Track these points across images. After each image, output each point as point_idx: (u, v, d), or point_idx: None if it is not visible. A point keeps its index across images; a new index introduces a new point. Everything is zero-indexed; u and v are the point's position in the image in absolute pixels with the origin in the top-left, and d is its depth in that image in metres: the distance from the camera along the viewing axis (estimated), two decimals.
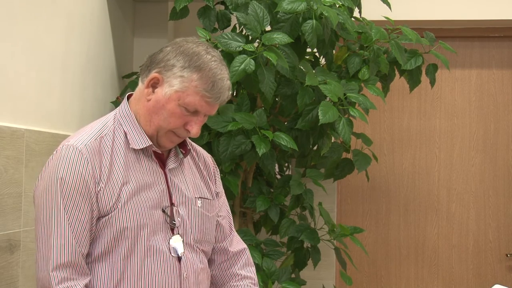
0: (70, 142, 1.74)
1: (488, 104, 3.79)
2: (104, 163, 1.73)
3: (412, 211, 3.80)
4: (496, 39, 3.80)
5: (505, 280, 3.72)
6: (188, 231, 1.83)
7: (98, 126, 1.80)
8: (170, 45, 1.81)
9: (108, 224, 1.71)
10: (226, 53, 2.67)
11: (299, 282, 2.93)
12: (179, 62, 1.75)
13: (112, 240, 1.71)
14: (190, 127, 1.78)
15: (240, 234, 2.80)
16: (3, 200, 2.07)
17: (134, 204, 1.73)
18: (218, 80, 1.76)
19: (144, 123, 1.80)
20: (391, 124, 3.84)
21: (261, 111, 2.72)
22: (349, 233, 2.98)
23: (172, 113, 1.76)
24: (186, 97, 1.74)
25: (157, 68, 1.78)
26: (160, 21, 3.29)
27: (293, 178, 2.84)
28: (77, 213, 1.68)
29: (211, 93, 1.75)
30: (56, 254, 1.66)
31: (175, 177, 1.85)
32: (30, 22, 2.26)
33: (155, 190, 1.78)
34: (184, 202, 1.84)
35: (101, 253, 1.72)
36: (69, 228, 1.67)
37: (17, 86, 2.20)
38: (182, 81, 1.74)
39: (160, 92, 1.77)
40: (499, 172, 3.77)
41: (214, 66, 1.76)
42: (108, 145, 1.76)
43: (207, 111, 1.79)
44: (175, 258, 1.78)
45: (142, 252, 1.73)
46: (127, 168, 1.76)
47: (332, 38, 2.83)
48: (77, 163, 1.70)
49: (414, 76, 3.08)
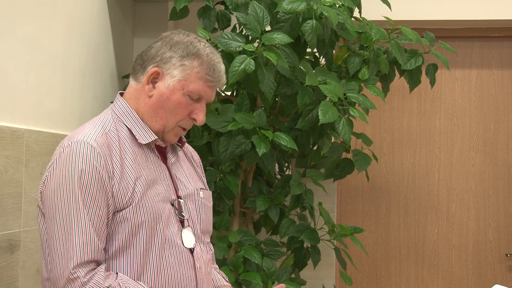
0: (78, 137, 1.72)
1: (488, 104, 3.79)
2: (114, 158, 1.73)
3: (412, 211, 3.80)
4: (496, 39, 3.80)
5: (505, 280, 3.72)
6: (195, 223, 1.86)
7: (99, 122, 1.79)
8: (159, 40, 1.84)
9: (125, 219, 1.71)
10: (226, 53, 2.67)
11: (299, 282, 2.93)
12: (176, 53, 1.79)
13: (129, 235, 1.71)
14: (196, 115, 1.82)
15: (240, 234, 2.80)
16: (3, 200, 2.07)
17: (148, 198, 1.74)
18: (216, 64, 1.82)
19: (148, 120, 1.81)
20: (391, 124, 3.84)
21: (261, 111, 2.72)
22: (349, 233, 2.98)
23: (178, 103, 1.79)
24: (189, 85, 1.78)
25: (153, 63, 1.80)
26: (160, 21, 3.29)
27: (293, 178, 2.84)
28: (96, 208, 1.67)
29: (213, 77, 1.81)
30: (80, 252, 1.64)
31: (177, 170, 1.88)
32: (30, 22, 2.26)
33: (162, 184, 1.80)
34: (188, 194, 1.87)
35: (119, 248, 1.71)
36: (90, 224, 1.65)
37: (17, 86, 2.20)
38: (183, 69, 1.78)
39: (162, 86, 1.79)
40: (499, 172, 3.77)
41: (210, 51, 1.82)
42: (115, 140, 1.76)
43: (209, 97, 1.83)
44: (188, 250, 1.80)
45: (160, 245, 1.74)
46: (137, 163, 1.76)
47: (332, 38, 2.83)
48: (91, 157, 1.69)
49: (414, 76, 3.08)
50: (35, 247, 2.26)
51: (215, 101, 2.90)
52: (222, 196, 2.86)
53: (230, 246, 2.79)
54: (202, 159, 2.89)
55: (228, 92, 3.04)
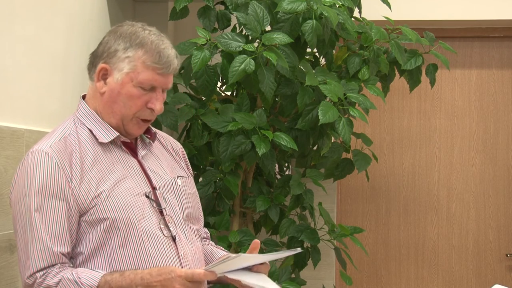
0: (34, 148, 1.75)
1: (488, 104, 3.80)
2: (74, 161, 1.74)
3: (412, 211, 3.80)
4: (496, 39, 3.80)
5: (505, 280, 3.72)
6: (176, 211, 1.85)
7: (59, 129, 1.82)
8: (107, 35, 1.84)
9: (93, 220, 1.72)
10: (226, 53, 2.67)
11: (299, 282, 2.93)
12: (120, 45, 1.78)
13: (102, 234, 1.73)
14: (152, 104, 1.80)
15: (240, 234, 2.80)
16: (3, 200, 2.07)
17: (116, 196, 1.75)
18: (163, 50, 1.78)
19: (106, 116, 1.81)
20: (391, 124, 3.84)
21: (261, 111, 2.72)
22: (349, 233, 2.98)
23: (130, 96, 1.77)
24: (138, 76, 1.76)
25: (102, 59, 1.80)
26: (160, 21, 3.29)
27: (293, 178, 2.84)
28: (54, 215, 1.69)
29: (161, 64, 1.77)
30: (35, 261, 1.68)
31: (149, 162, 1.87)
32: (30, 22, 2.26)
33: (133, 179, 1.80)
34: (165, 184, 1.86)
35: (94, 248, 1.73)
36: (45, 232, 1.68)
37: (17, 86, 2.20)
38: (129, 61, 1.77)
39: (112, 81, 1.79)
40: (499, 172, 3.77)
41: (155, 38, 1.79)
42: (74, 144, 1.77)
43: (163, 85, 1.81)
44: (170, 239, 1.80)
45: (137, 238, 1.74)
46: (99, 163, 1.77)
47: (332, 38, 2.83)
48: (47, 165, 1.71)
49: (414, 76, 3.08)
50: None
51: (215, 101, 2.91)
52: (222, 196, 2.86)
53: (230, 246, 2.79)
54: (202, 159, 2.89)
55: (228, 92, 3.04)
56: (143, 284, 1.66)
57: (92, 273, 1.69)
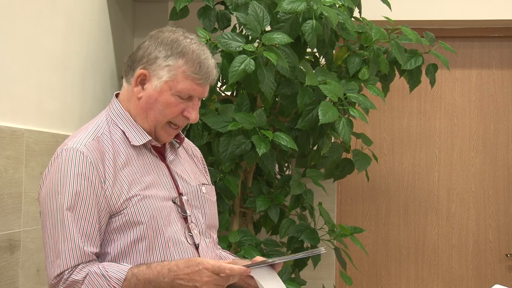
0: (68, 145, 1.73)
1: (488, 104, 3.79)
2: (107, 162, 1.73)
3: (412, 211, 3.80)
4: (496, 39, 3.79)
5: (505, 280, 3.72)
6: (199, 219, 1.86)
7: (92, 127, 1.80)
8: (147, 40, 1.82)
9: (124, 222, 1.72)
10: (226, 53, 2.67)
11: (299, 282, 2.93)
12: (161, 53, 1.77)
13: (132, 238, 1.72)
14: (188, 113, 1.80)
15: (240, 234, 2.80)
16: (3, 200, 2.07)
17: (146, 199, 1.74)
18: (203, 60, 1.78)
19: (140, 120, 1.81)
20: (391, 124, 3.84)
21: (261, 111, 2.72)
22: (349, 233, 2.98)
23: (167, 104, 1.77)
24: (177, 85, 1.76)
25: (141, 64, 1.79)
26: (160, 21, 3.29)
27: (293, 178, 2.84)
28: (85, 214, 1.68)
29: (200, 74, 1.77)
30: (65, 259, 1.66)
31: (176, 167, 1.87)
32: (30, 22, 2.26)
33: (162, 183, 1.80)
34: (190, 191, 1.86)
35: (121, 251, 1.73)
36: (76, 230, 1.67)
37: (17, 86, 2.20)
38: (169, 70, 1.76)
39: (150, 87, 1.78)
40: (499, 172, 3.77)
41: (196, 48, 1.78)
42: (108, 144, 1.76)
43: (200, 94, 1.80)
44: (193, 247, 1.80)
45: (163, 244, 1.74)
46: (131, 166, 1.77)
47: (332, 38, 2.83)
48: (80, 164, 1.70)
49: (414, 76, 3.08)
50: (35, 247, 2.26)
51: (215, 101, 2.90)
52: (222, 196, 2.85)
53: (230, 246, 2.79)
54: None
55: (228, 92, 3.04)
56: (170, 276, 1.65)
57: (119, 266, 1.68)
